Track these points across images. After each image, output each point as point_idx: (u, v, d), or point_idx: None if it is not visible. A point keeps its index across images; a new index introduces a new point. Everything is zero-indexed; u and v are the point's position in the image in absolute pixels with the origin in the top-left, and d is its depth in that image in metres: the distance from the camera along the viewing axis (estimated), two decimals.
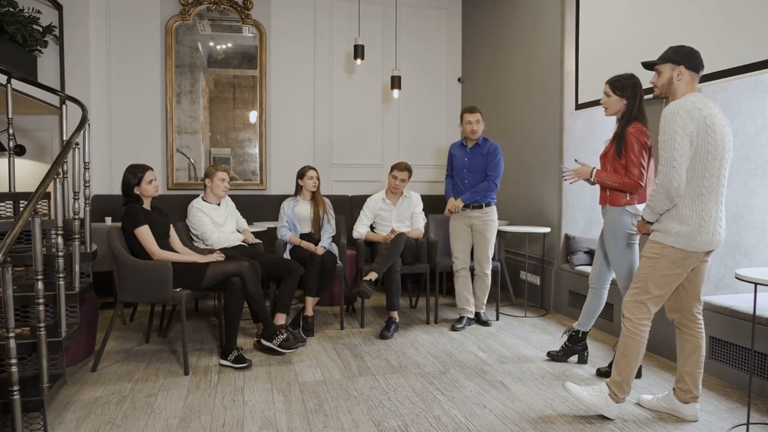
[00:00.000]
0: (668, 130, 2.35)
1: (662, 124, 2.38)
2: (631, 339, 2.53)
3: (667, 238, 2.44)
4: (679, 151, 2.33)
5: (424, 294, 4.51)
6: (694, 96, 2.42)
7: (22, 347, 2.47)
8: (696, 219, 2.40)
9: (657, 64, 2.53)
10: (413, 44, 6.08)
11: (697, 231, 2.40)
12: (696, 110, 2.35)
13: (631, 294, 2.56)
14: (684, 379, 2.61)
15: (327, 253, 4.18)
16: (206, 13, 5.61)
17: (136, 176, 3.38)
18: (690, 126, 2.33)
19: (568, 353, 3.42)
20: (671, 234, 2.43)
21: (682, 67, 2.45)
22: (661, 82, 2.51)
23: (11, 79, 3.28)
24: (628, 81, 2.97)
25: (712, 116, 2.37)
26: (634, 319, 2.52)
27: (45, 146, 5.29)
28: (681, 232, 2.41)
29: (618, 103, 2.99)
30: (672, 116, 2.35)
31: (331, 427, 2.51)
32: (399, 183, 4.34)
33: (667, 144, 2.35)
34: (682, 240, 2.41)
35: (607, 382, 2.59)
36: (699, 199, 2.40)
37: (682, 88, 2.47)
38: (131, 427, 2.50)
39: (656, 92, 2.56)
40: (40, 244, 2.37)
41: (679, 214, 2.42)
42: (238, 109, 5.77)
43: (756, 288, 2.38)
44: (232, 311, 3.34)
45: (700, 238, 2.41)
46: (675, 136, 2.33)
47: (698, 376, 2.59)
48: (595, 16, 4.19)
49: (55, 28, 4.84)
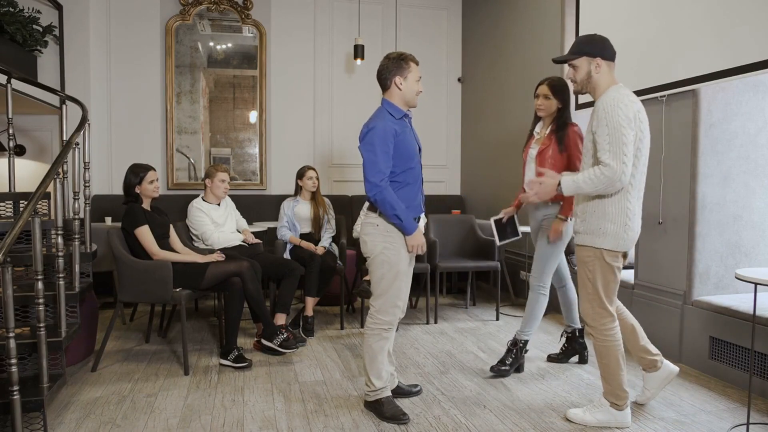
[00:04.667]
0: (612, 123, 2.25)
1: (601, 115, 2.28)
2: (604, 347, 2.47)
3: (596, 240, 2.39)
4: (628, 146, 2.25)
5: (424, 294, 4.51)
6: (623, 88, 2.36)
7: (22, 347, 2.47)
8: (621, 217, 2.35)
9: (570, 59, 2.43)
10: (413, 44, 6.07)
11: (623, 229, 2.36)
12: (631, 103, 2.30)
13: (586, 302, 2.49)
14: (642, 356, 2.67)
15: (327, 253, 4.18)
16: (206, 13, 5.61)
17: (138, 176, 3.38)
18: (630, 117, 2.26)
19: (569, 354, 3.42)
20: (599, 235, 2.38)
21: (599, 59, 2.37)
22: (580, 77, 2.42)
23: (11, 79, 3.28)
24: (564, 84, 3.07)
25: (642, 110, 2.34)
26: (598, 326, 2.47)
27: (45, 146, 5.28)
28: (608, 232, 2.36)
29: (554, 105, 3.08)
30: (613, 108, 2.26)
31: (331, 427, 2.51)
32: None
33: (614, 138, 2.24)
34: (610, 240, 2.36)
35: (603, 395, 2.56)
36: (625, 196, 2.34)
37: (603, 80, 2.39)
38: (131, 427, 2.50)
39: (575, 88, 2.48)
40: (40, 244, 2.37)
41: (605, 211, 2.36)
42: (238, 109, 5.77)
43: (756, 288, 2.38)
44: (232, 311, 3.35)
45: (627, 236, 2.37)
46: (621, 129, 2.24)
47: (648, 344, 2.67)
48: (595, 16, 4.19)
49: (55, 28, 4.84)
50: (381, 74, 2.59)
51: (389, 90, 2.59)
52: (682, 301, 3.32)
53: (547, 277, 3.14)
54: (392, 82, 2.56)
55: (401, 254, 2.56)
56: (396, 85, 2.56)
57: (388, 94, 2.61)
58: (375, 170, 2.46)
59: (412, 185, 2.61)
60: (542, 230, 3.15)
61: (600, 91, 2.40)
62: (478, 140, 5.97)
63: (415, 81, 2.58)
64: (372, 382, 2.60)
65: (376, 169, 2.46)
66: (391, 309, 2.59)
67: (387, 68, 2.57)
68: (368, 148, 2.47)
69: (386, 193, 2.46)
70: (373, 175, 2.46)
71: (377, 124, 2.50)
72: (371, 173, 2.46)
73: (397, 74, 2.55)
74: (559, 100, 3.08)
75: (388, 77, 2.57)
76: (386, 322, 2.59)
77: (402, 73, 2.56)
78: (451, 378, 3.15)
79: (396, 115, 2.56)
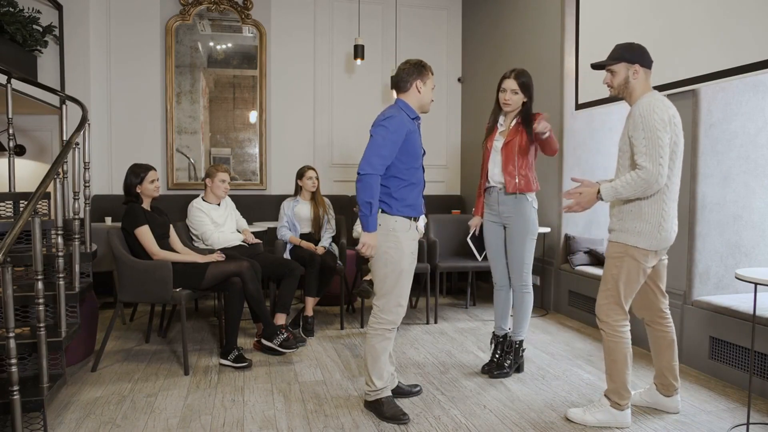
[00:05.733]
0: (649, 127, 2.32)
1: (638, 120, 2.35)
2: (614, 343, 2.49)
3: (630, 238, 2.43)
4: (664, 148, 2.32)
5: (424, 294, 4.51)
6: (658, 94, 2.43)
7: (22, 347, 2.47)
8: (656, 217, 2.40)
9: (610, 64, 2.50)
10: (413, 44, 6.08)
11: (657, 229, 2.40)
12: (666, 108, 2.36)
13: (603, 297, 2.51)
14: (663, 374, 2.64)
15: (327, 253, 4.18)
16: (206, 13, 5.61)
17: (139, 176, 3.38)
18: (666, 121, 2.33)
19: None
20: (633, 233, 2.43)
21: (638, 66, 2.44)
22: (617, 82, 2.49)
23: (11, 79, 3.28)
24: (530, 79, 3.07)
25: (677, 115, 2.41)
26: (611, 322, 2.49)
27: (45, 146, 5.28)
28: (642, 231, 2.41)
29: (521, 100, 3.07)
30: (649, 113, 2.33)
31: (331, 427, 2.51)
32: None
33: (651, 141, 2.31)
34: (644, 239, 2.41)
35: (605, 393, 2.56)
36: (661, 198, 2.40)
37: (639, 86, 2.46)
38: (131, 427, 2.50)
39: (612, 92, 2.54)
40: (40, 244, 2.37)
41: (641, 212, 2.41)
42: (238, 109, 5.77)
43: (756, 288, 2.38)
44: (232, 311, 3.35)
45: (660, 236, 2.41)
46: (657, 132, 2.31)
47: (676, 368, 2.63)
48: (595, 16, 4.19)
49: (55, 28, 4.84)
50: (401, 76, 2.64)
51: (407, 92, 2.64)
52: (682, 301, 3.32)
53: (528, 276, 3.13)
54: (413, 84, 2.63)
55: (404, 253, 2.57)
56: (417, 88, 2.63)
57: (404, 96, 2.65)
58: (378, 154, 2.48)
59: (416, 185, 2.64)
60: (511, 228, 3.09)
61: (635, 97, 2.46)
62: (478, 140, 5.96)
63: (431, 89, 2.67)
64: (373, 382, 2.60)
65: (379, 154, 2.48)
66: (395, 308, 2.59)
67: (409, 72, 2.63)
68: (380, 132, 2.50)
69: (374, 180, 2.47)
70: (374, 157, 2.47)
71: (396, 115, 2.54)
72: (373, 155, 2.47)
73: (418, 78, 2.62)
74: (525, 95, 3.06)
75: (409, 80, 2.63)
76: (390, 321, 2.59)
77: (422, 79, 2.63)
78: (451, 378, 3.14)
79: (410, 114, 2.62)
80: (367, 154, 2.48)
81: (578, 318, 4.36)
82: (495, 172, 3.13)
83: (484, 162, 3.20)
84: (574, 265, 4.41)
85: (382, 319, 2.59)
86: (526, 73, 3.08)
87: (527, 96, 3.06)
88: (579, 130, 4.54)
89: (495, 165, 3.13)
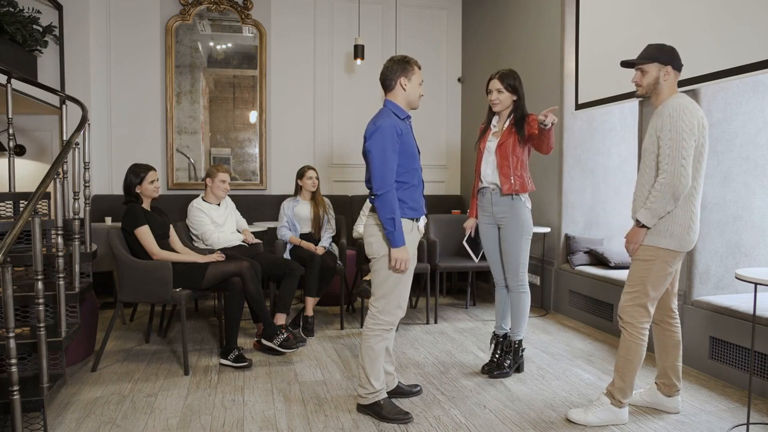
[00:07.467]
0: (676, 128, 2.32)
1: (666, 120, 2.36)
2: (634, 343, 2.49)
3: (661, 241, 2.43)
4: (687, 150, 2.32)
5: (424, 294, 4.50)
6: (686, 96, 2.44)
7: (22, 347, 2.47)
8: (686, 219, 2.41)
9: (642, 63, 2.50)
10: (413, 44, 6.08)
11: (686, 231, 2.42)
12: (696, 110, 2.37)
13: (629, 298, 2.51)
14: (667, 374, 2.64)
15: (327, 253, 4.18)
16: (206, 13, 5.61)
17: (139, 176, 3.38)
18: (694, 125, 2.34)
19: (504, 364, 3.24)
20: (665, 236, 2.42)
21: (669, 68, 2.44)
22: (647, 82, 2.48)
23: (11, 79, 3.28)
24: (517, 77, 3.06)
25: (704, 118, 2.41)
26: (636, 323, 2.49)
27: (45, 146, 5.28)
28: (674, 233, 2.41)
29: (509, 99, 3.06)
30: (678, 115, 2.33)
31: (331, 427, 2.51)
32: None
33: (675, 143, 2.32)
34: (675, 241, 2.42)
35: (609, 390, 2.56)
36: (689, 200, 2.41)
37: (668, 87, 2.46)
38: (131, 427, 2.50)
39: (640, 92, 2.54)
40: (40, 244, 2.37)
41: (673, 214, 2.41)
42: (238, 109, 5.77)
43: (756, 288, 2.38)
44: (232, 311, 3.35)
45: (689, 238, 2.43)
46: (683, 135, 2.31)
47: (679, 368, 2.64)
48: (595, 16, 4.19)
49: (55, 28, 4.84)
50: (385, 75, 2.61)
51: (393, 91, 2.61)
52: (683, 301, 3.32)
53: (524, 276, 3.12)
54: (397, 82, 2.58)
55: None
56: (401, 85, 2.59)
57: (391, 95, 2.62)
58: (387, 169, 2.46)
59: (416, 186, 2.63)
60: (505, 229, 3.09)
61: (662, 98, 2.47)
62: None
63: (418, 84, 2.62)
64: (371, 384, 2.59)
65: (387, 167, 2.46)
66: (394, 310, 2.58)
67: (392, 69, 2.59)
68: (378, 146, 2.47)
69: (392, 195, 2.47)
70: (385, 173, 2.46)
71: (384, 122, 2.50)
72: (383, 171, 2.46)
73: (401, 75, 2.58)
74: (512, 93, 3.05)
75: (392, 78, 2.58)
76: (388, 322, 2.58)
77: (406, 75, 2.58)
78: (451, 378, 3.14)
79: (400, 115, 2.58)
80: (376, 173, 2.46)
81: (578, 318, 4.36)
82: (488, 173, 3.12)
83: (478, 163, 3.20)
84: (574, 265, 4.41)
85: (381, 319, 2.58)
86: (511, 74, 3.06)
87: (514, 93, 3.05)
88: (579, 130, 4.54)
89: (488, 166, 3.12)
